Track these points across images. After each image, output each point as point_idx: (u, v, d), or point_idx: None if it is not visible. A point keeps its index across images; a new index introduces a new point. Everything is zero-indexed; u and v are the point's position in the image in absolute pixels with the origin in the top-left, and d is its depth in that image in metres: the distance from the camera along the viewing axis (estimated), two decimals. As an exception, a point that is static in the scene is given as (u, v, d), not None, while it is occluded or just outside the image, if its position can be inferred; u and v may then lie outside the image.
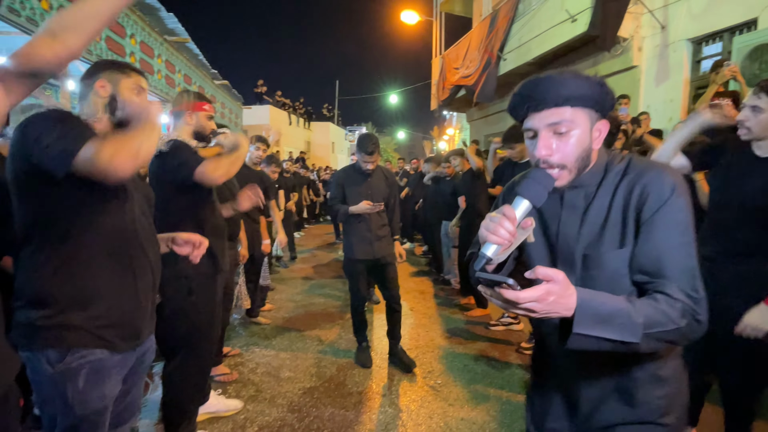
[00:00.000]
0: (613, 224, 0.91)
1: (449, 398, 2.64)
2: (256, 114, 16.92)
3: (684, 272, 0.85)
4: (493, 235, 0.80)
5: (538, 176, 0.87)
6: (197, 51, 8.16)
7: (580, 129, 0.89)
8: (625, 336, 0.77)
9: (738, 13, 5.24)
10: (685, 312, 0.82)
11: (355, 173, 3.03)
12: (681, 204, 0.87)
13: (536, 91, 0.88)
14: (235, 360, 3.10)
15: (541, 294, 0.73)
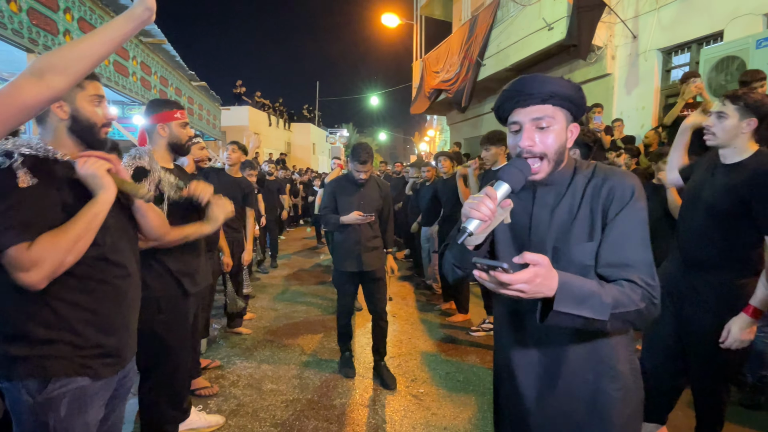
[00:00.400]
0: (582, 220, 1.03)
1: (432, 407, 2.67)
2: (235, 115, 16.65)
3: (643, 264, 0.97)
4: (476, 210, 0.90)
5: (518, 164, 0.98)
6: (174, 52, 7.99)
7: (558, 125, 1.02)
8: (596, 314, 0.88)
9: (705, 25, 5.46)
10: (644, 296, 0.94)
11: (348, 183, 2.99)
12: (640, 205, 1.01)
13: (524, 87, 1.00)
14: (215, 372, 3.05)
15: (531, 276, 0.82)
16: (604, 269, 0.99)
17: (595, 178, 1.04)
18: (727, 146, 1.80)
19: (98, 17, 5.30)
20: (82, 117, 1.24)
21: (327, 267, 6.70)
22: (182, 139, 1.99)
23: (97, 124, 1.29)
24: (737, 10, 5.04)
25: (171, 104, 1.99)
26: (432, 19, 13.09)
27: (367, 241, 2.94)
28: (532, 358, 1.10)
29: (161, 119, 1.93)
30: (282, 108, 21.48)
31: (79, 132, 1.26)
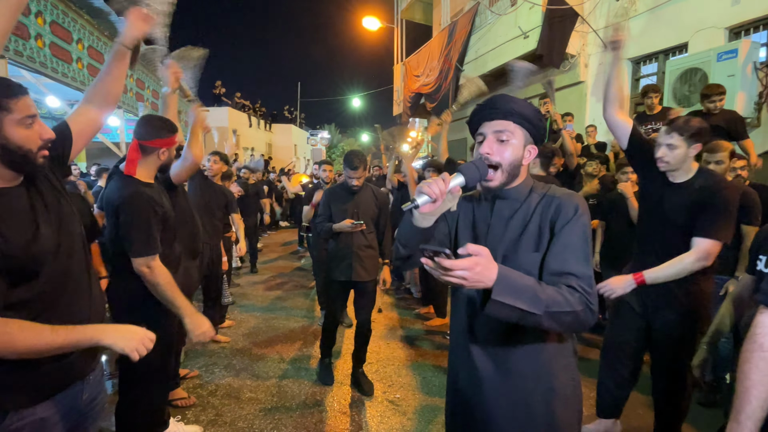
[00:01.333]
0: (530, 233, 1.14)
1: (408, 412, 2.75)
2: (215, 116, 16.39)
3: (583, 273, 1.06)
4: (428, 187, 1.01)
5: (477, 162, 1.11)
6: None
7: (516, 141, 1.14)
8: (531, 307, 0.94)
9: (671, 37, 5.70)
10: (582, 301, 1.01)
11: (342, 191, 2.99)
12: (583, 221, 1.11)
13: (491, 102, 1.15)
14: (193, 382, 3.06)
15: (471, 263, 0.89)
16: (548, 277, 1.07)
17: (546, 197, 1.16)
18: (677, 170, 1.99)
19: (71, 20, 5.20)
20: (12, 146, 1.08)
21: (308, 272, 6.72)
22: (172, 160, 2.08)
23: (32, 149, 1.12)
24: (701, 23, 5.28)
25: (174, 129, 1.96)
26: (413, 23, 13.20)
27: (359, 250, 2.93)
28: (477, 364, 1.20)
29: (165, 144, 1.92)
30: (262, 109, 21.28)
31: (11, 162, 1.10)
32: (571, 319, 0.99)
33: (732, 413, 0.99)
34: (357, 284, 2.98)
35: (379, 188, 3.20)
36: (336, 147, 35.55)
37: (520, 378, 1.15)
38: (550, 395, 1.14)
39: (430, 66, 10.23)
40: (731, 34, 5.08)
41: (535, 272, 1.10)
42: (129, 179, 1.87)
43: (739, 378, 0.99)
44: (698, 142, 1.92)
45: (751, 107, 4.62)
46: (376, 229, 3.05)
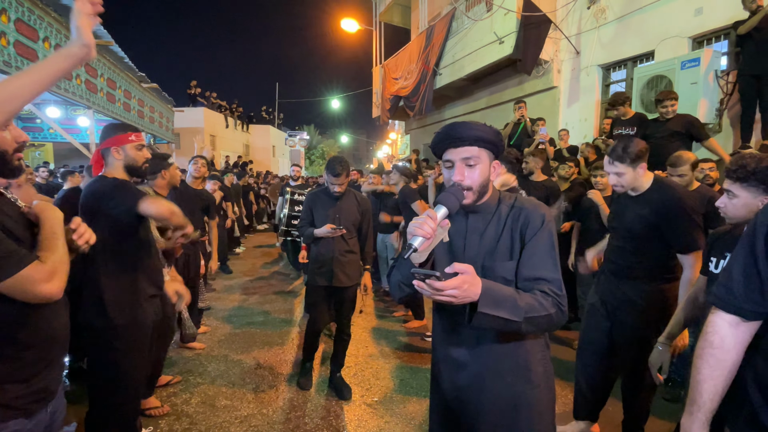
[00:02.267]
0: (504, 243, 1.23)
1: (385, 416, 2.76)
2: (190, 117, 16.11)
3: (553, 278, 1.17)
4: (420, 229, 1.05)
5: (453, 190, 1.17)
6: (122, 54, 7.67)
7: (483, 164, 1.22)
8: (512, 315, 1.05)
9: (638, 44, 5.91)
10: (554, 303, 1.12)
11: (325, 196, 2.99)
12: (549, 229, 1.22)
13: (456, 132, 1.20)
14: (167, 391, 2.99)
15: (459, 282, 0.98)
16: (522, 283, 1.18)
17: (515, 208, 1.25)
18: (633, 188, 2.12)
19: (38, 18, 5.02)
20: None
21: (286, 275, 6.66)
22: (138, 161, 2.00)
23: (8, 151, 1.16)
24: (666, 32, 5.50)
25: (126, 127, 2.00)
26: (391, 26, 13.27)
27: (340, 255, 2.93)
28: (462, 365, 1.29)
29: (115, 142, 1.94)
30: (239, 110, 20.97)
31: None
32: (546, 321, 1.10)
33: (686, 406, 1.06)
34: (338, 290, 2.97)
35: (361, 194, 3.20)
36: (315, 148, 35.35)
37: (501, 373, 1.24)
38: (529, 386, 1.25)
39: (408, 69, 10.31)
40: (694, 43, 5.31)
41: (512, 278, 1.20)
42: (99, 176, 1.91)
43: (693, 373, 1.06)
44: (642, 161, 2.03)
45: (712, 114, 4.84)
46: (359, 235, 3.05)
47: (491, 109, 8.69)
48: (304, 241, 3.06)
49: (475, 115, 9.31)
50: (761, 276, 0.95)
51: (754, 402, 0.99)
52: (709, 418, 1.02)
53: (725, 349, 1.01)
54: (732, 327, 1.01)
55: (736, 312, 1.00)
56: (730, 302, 1.01)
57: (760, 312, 0.97)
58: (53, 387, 1.30)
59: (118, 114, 7.89)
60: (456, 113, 10.12)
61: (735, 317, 1.01)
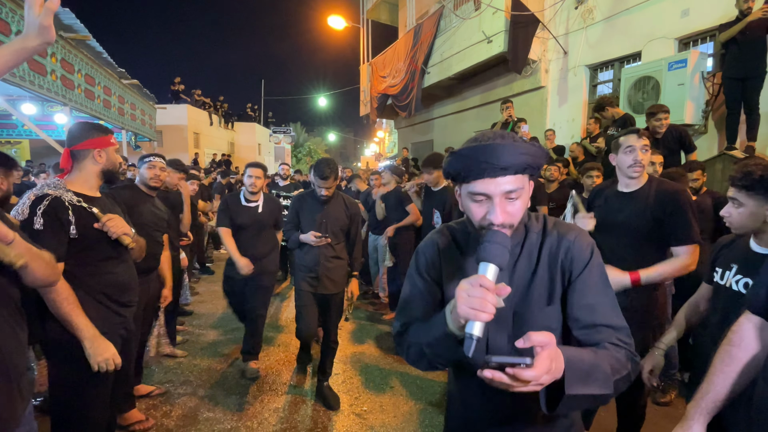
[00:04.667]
0: (540, 283, 0.96)
1: (375, 425, 2.68)
2: (173, 114, 15.77)
3: (620, 325, 0.94)
4: (482, 312, 0.76)
5: (499, 239, 0.84)
6: (100, 48, 7.41)
7: (526, 194, 0.93)
8: (603, 389, 0.80)
9: (625, 45, 5.93)
10: (628, 357, 0.90)
11: (312, 200, 2.86)
12: (599, 262, 0.98)
13: (500, 158, 0.86)
14: (147, 403, 2.86)
15: (549, 363, 0.72)
16: (580, 332, 0.95)
17: (549, 236, 0.99)
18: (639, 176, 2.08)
19: (9, 11, 4.79)
20: None
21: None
22: (117, 165, 1.90)
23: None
24: (653, 33, 5.52)
25: (107, 129, 1.88)
26: (378, 24, 13.16)
27: (326, 261, 2.82)
28: (492, 404, 1.02)
29: (98, 144, 1.79)
30: (224, 106, 20.61)
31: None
32: (626, 381, 0.88)
33: (694, 395, 1.12)
34: (324, 297, 2.89)
35: (350, 197, 3.10)
36: (302, 146, 35.03)
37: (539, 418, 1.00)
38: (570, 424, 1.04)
39: (396, 67, 10.22)
40: (681, 45, 5.34)
41: (555, 327, 0.97)
42: None
43: (709, 368, 1.12)
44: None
45: (699, 115, 4.87)
46: (347, 240, 2.94)
47: (480, 108, 8.66)
48: (289, 246, 2.95)
49: (464, 114, 9.28)
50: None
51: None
52: (710, 408, 1.05)
53: (742, 347, 1.06)
54: (756, 329, 1.05)
55: (763, 314, 1.04)
56: (757, 305, 1.05)
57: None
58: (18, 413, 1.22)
59: (97, 111, 7.64)
60: (445, 112, 10.08)
61: (761, 320, 1.05)
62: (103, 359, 1.66)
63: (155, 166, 2.76)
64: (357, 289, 3.01)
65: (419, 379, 3.27)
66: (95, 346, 1.65)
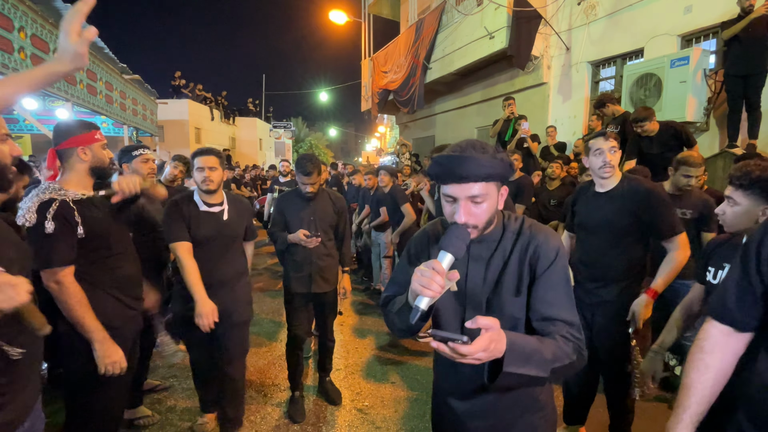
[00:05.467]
0: (510, 275, 1.11)
1: (376, 420, 2.72)
2: (174, 109, 15.77)
3: (573, 321, 1.07)
4: (428, 289, 0.92)
5: (458, 233, 0.99)
6: (102, 44, 7.41)
7: (491, 198, 1.07)
8: (540, 371, 0.93)
9: (628, 42, 5.91)
10: (575, 349, 1.03)
11: (297, 197, 2.77)
12: (563, 264, 1.10)
13: (461, 169, 1.01)
14: (151, 397, 2.91)
15: (487, 342, 0.85)
16: (538, 323, 1.08)
17: (522, 236, 1.13)
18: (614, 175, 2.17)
19: (11, 6, 4.79)
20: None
21: (275, 272, 6.57)
22: (105, 162, 1.87)
23: (7, 164, 1.20)
24: (655, 30, 5.50)
25: (91, 125, 1.85)
26: (380, 18, 13.09)
27: (318, 260, 2.73)
28: (470, 394, 1.19)
29: (82, 141, 1.77)
30: (224, 102, 20.58)
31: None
32: (568, 369, 1.01)
33: (674, 409, 1.11)
34: (318, 296, 2.81)
35: (336, 192, 2.98)
36: (303, 141, 34.99)
37: (510, 406, 1.17)
38: (539, 415, 1.20)
39: (398, 62, 10.19)
40: (683, 42, 5.32)
41: (519, 316, 1.10)
42: None
43: (683, 378, 1.11)
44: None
45: (700, 112, 4.87)
46: (335, 237, 2.86)
47: (482, 104, 8.65)
48: (277, 248, 2.84)
49: (466, 110, 9.27)
50: (753, 289, 0.99)
51: (743, 425, 1.01)
52: (694, 422, 1.06)
53: (715, 355, 1.05)
54: (724, 336, 1.05)
55: (729, 323, 1.04)
56: (723, 313, 1.05)
57: (752, 324, 1.02)
58: (33, 401, 1.26)
59: (99, 107, 7.64)
60: (446, 108, 10.06)
61: (728, 327, 1.05)
62: (111, 362, 1.70)
63: (149, 159, 2.68)
64: (349, 284, 2.94)
65: (420, 374, 3.31)
66: (104, 349, 1.69)
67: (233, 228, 2.37)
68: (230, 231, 2.35)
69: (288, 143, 27.08)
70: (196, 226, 2.25)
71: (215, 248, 2.30)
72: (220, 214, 2.32)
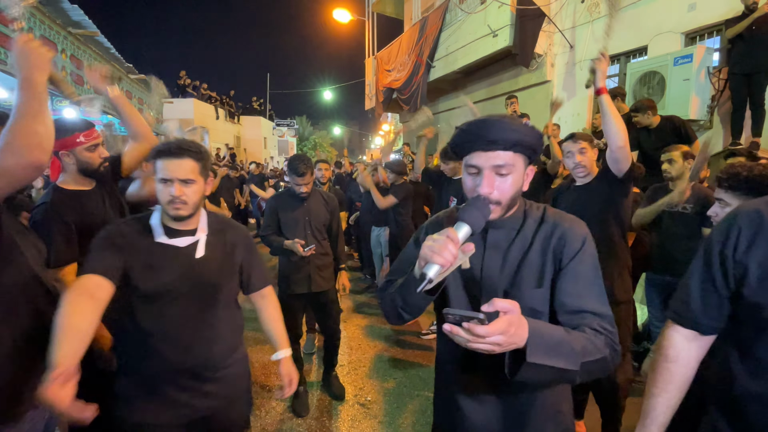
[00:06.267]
0: (531, 265, 1.01)
1: (378, 415, 2.77)
2: (179, 108, 15.87)
3: (603, 312, 0.98)
4: (438, 256, 0.83)
5: (478, 204, 0.92)
6: (108, 44, 7.49)
7: (518, 172, 0.99)
8: (569, 364, 0.83)
9: (631, 40, 5.90)
10: (607, 343, 0.92)
11: (290, 198, 2.77)
12: (591, 252, 1.02)
13: (488, 133, 0.94)
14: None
15: (505, 326, 0.75)
16: (565, 316, 0.98)
17: (545, 223, 1.04)
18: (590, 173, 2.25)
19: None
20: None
21: (278, 270, 6.63)
22: (92, 163, 1.84)
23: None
24: (659, 28, 5.49)
25: (73, 127, 1.79)
26: (384, 17, 13.11)
27: (316, 259, 2.76)
28: (483, 402, 1.07)
29: (62, 146, 1.75)
30: (230, 101, 20.68)
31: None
32: (601, 366, 0.90)
33: (640, 418, 1.07)
34: (318, 295, 2.82)
35: (327, 192, 3.00)
36: (308, 140, 35.09)
37: (529, 414, 1.05)
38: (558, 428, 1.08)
39: (401, 61, 10.22)
40: (687, 39, 5.31)
41: (542, 309, 1.01)
42: (51, 188, 1.82)
43: (647, 385, 1.07)
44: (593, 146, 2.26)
45: (704, 110, 4.86)
46: (329, 236, 2.88)
47: (486, 102, 8.65)
48: (272, 253, 2.84)
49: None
50: (717, 291, 0.95)
51: (716, 422, 0.99)
52: (661, 430, 1.03)
53: (680, 363, 1.02)
54: (688, 341, 1.02)
55: (693, 327, 1.01)
56: (687, 317, 1.01)
57: (715, 327, 0.99)
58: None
59: (106, 106, 7.73)
60: (450, 106, 10.07)
61: (691, 332, 1.01)
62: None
63: None
64: (347, 280, 2.96)
65: (422, 371, 3.35)
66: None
67: (213, 272, 1.45)
68: (208, 277, 1.43)
69: (291, 141, 27.15)
70: (144, 267, 1.34)
71: (182, 305, 1.39)
72: (189, 250, 1.42)
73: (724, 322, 0.97)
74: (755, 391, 0.90)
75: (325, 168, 4.15)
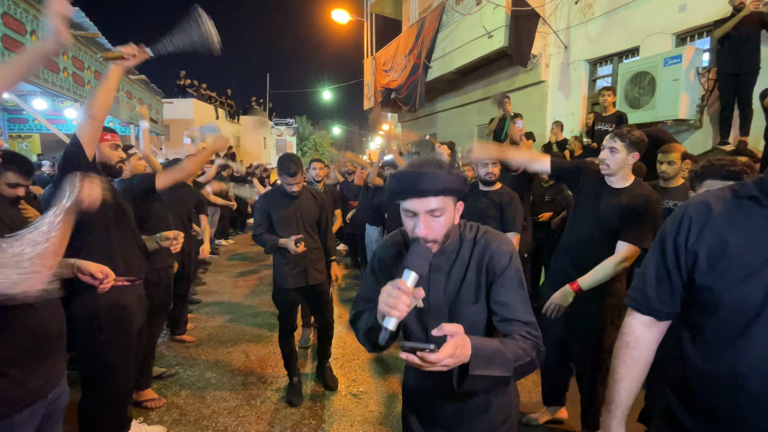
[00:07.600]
0: (469, 284, 1.19)
1: (369, 405, 2.86)
2: (179, 108, 15.93)
3: (530, 320, 1.14)
4: (395, 310, 0.94)
5: (420, 251, 1.03)
6: (109, 45, 7.58)
7: (449, 212, 1.13)
8: (504, 371, 0.99)
9: (623, 40, 5.99)
10: (534, 346, 1.08)
11: (281, 196, 2.84)
12: (516, 267, 1.18)
13: (420, 184, 1.08)
14: (158, 383, 3.06)
15: (453, 349, 0.89)
16: (499, 324, 1.15)
17: (478, 244, 1.20)
18: (615, 174, 2.14)
19: (23, 11, 4.97)
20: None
21: (276, 268, 6.72)
22: (111, 160, 2.11)
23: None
24: (651, 29, 5.58)
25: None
26: (382, 17, 13.20)
27: (310, 254, 2.83)
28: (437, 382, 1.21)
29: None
30: (230, 102, 20.77)
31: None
32: (529, 366, 1.07)
33: (605, 404, 1.14)
34: (313, 287, 2.90)
35: (315, 188, 3.08)
36: (308, 139, 35.13)
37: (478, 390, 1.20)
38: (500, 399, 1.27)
39: (399, 61, 10.31)
40: (678, 40, 5.39)
41: (479, 321, 1.18)
42: None
43: (611, 372, 1.13)
44: (636, 150, 2.07)
45: (693, 110, 4.95)
46: (318, 230, 2.95)
47: (483, 102, 8.74)
48: (266, 252, 2.92)
49: (466, 108, 9.36)
50: (671, 279, 1.01)
51: (670, 401, 1.05)
52: (625, 415, 1.10)
53: (640, 348, 1.09)
54: (646, 327, 1.09)
55: (650, 313, 1.07)
56: (644, 304, 1.08)
57: (671, 312, 1.05)
58: (54, 377, 1.37)
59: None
60: (447, 106, 10.16)
61: (649, 318, 1.08)
62: None
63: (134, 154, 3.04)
64: (339, 270, 3.05)
65: (414, 364, 3.44)
66: None
67: None
68: None
69: (290, 141, 27.22)
70: None
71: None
72: None
73: (678, 307, 1.04)
74: (704, 370, 0.96)
75: (320, 167, 4.24)
